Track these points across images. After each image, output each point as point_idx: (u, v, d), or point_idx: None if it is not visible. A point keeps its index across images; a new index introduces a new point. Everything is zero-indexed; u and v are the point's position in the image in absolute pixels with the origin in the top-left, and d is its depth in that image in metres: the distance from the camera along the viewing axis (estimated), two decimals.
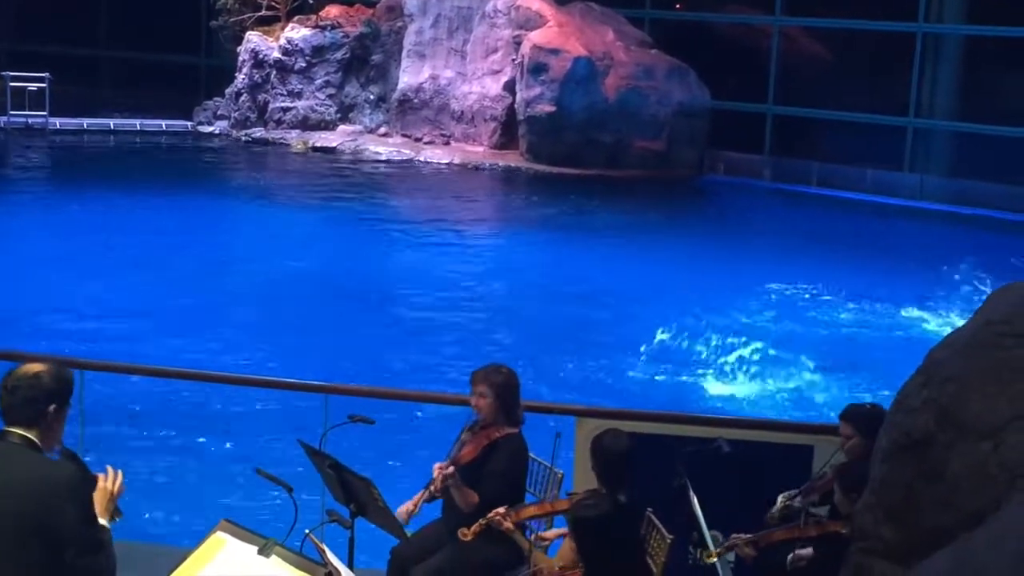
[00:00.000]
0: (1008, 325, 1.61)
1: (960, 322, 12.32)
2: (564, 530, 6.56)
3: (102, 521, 4.58)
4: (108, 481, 4.72)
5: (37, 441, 4.49)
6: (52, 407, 4.53)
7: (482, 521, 6.23)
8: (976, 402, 1.55)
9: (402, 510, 6.64)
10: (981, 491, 1.52)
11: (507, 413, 6.76)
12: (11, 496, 4.34)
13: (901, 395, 1.82)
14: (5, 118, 31.74)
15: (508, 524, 6.26)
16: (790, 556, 6.33)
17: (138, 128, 32.58)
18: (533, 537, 6.72)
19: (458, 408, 6.99)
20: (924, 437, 1.63)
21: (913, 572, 1.62)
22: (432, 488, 6.63)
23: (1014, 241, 22.04)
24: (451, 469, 6.58)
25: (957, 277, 18.48)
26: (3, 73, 32.88)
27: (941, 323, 16.24)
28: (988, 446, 1.52)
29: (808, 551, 6.30)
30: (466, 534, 6.25)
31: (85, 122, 32.34)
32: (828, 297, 18.19)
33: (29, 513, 4.33)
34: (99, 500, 4.64)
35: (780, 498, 6.63)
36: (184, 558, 5.01)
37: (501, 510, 6.28)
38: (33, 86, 31.96)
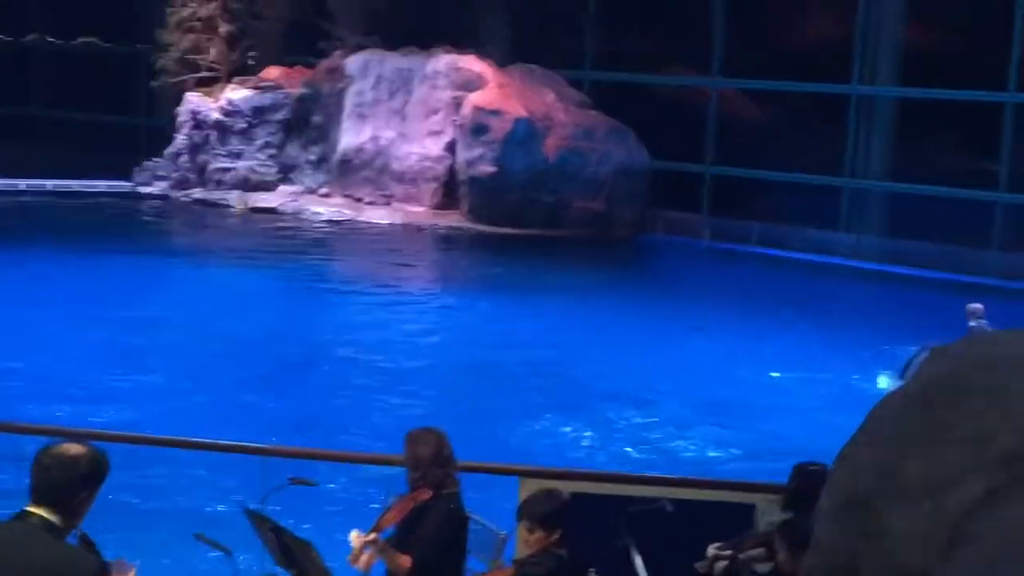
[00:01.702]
0: (944, 384, 1.62)
1: (891, 381, 12.41)
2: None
3: None
4: (121, 571, 4.57)
5: (59, 524, 4.30)
6: (84, 494, 4.38)
7: None
8: (916, 462, 1.55)
9: (353, 554, 6.46)
10: (923, 552, 1.51)
11: (437, 477, 6.67)
12: None
13: (842, 455, 1.82)
14: None
15: None
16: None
17: (76, 189, 32.33)
18: None
19: (399, 469, 6.94)
20: (865, 497, 1.63)
21: None
22: (349, 559, 6.47)
23: (947, 301, 22.31)
24: (372, 536, 6.45)
25: (889, 337, 18.68)
26: None
27: (876, 383, 16.38)
28: (929, 506, 1.52)
29: (761, 551, 6.31)
30: None
31: (23, 183, 32.06)
32: (762, 357, 18.30)
33: None
34: None
35: (710, 549, 6.60)
36: None
37: None
38: None
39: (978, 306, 15.73)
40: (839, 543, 1.92)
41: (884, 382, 15.87)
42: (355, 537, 6.49)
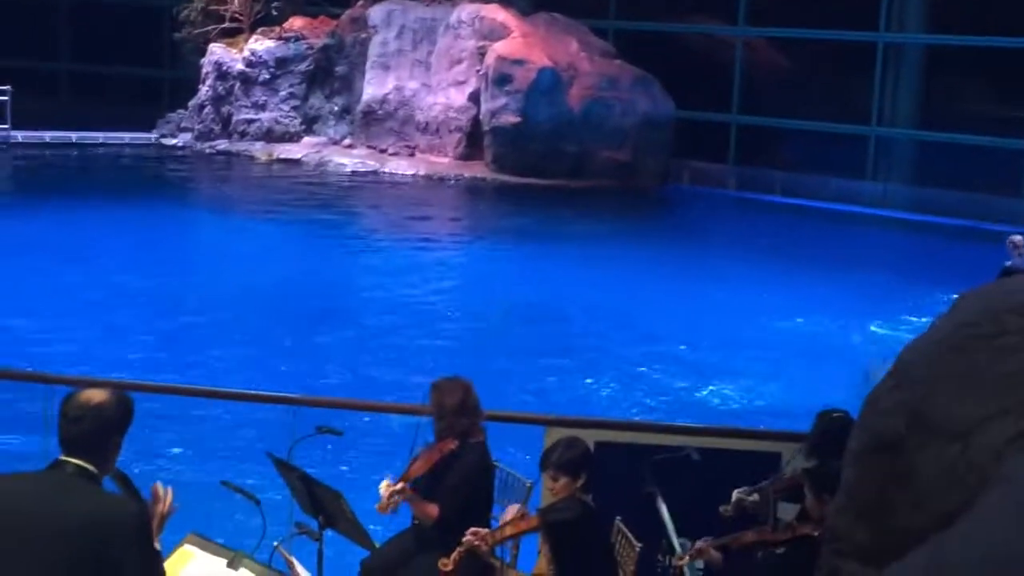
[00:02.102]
0: (975, 327, 1.62)
1: (920, 328, 12.42)
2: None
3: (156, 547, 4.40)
4: (161, 503, 4.60)
5: (95, 472, 4.29)
6: (115, 438, 4.38)
7: (460, 549, 6.16)
8: (945, 404, 1.56)
9: (382, 502, 6.53)
10: (952, 493, 1.52)
11: (464, 425, 6.72)
12: (71, 532, 4.09)
13: (871, 397, 1.83)
14: None
15: (485, 548, 6.21)
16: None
17: (101, 141, 32.40)
18: (511, 558, 6.71)
19: (427, 418, 6.98)
20: (895, 439, 1.63)
21: (885, 573, 1.63)
22: (378, 507, 6.54)
23: (975, 248, 22.22)
24: (400, 485, 6.51)
25: (920, 284, 18.63)
26: None
27: (909, 328, 16.32)
28: (957, 448, 1.52)
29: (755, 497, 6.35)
30: (447, 564, 6.17)
31: (47, 135, 32.14)
32: (786, 306, 18.27)
33: (90, 552, 4.09)
34: (154, 526, 4.49)
35: (735, 493, 6.63)
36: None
37: (480, 532, 6.21)
38: None
39: (1019, 238, 15.52)
40: (868, 485, 1.93)
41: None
42: (385, 487, 6.55)
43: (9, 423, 10.35)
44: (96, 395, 4.44)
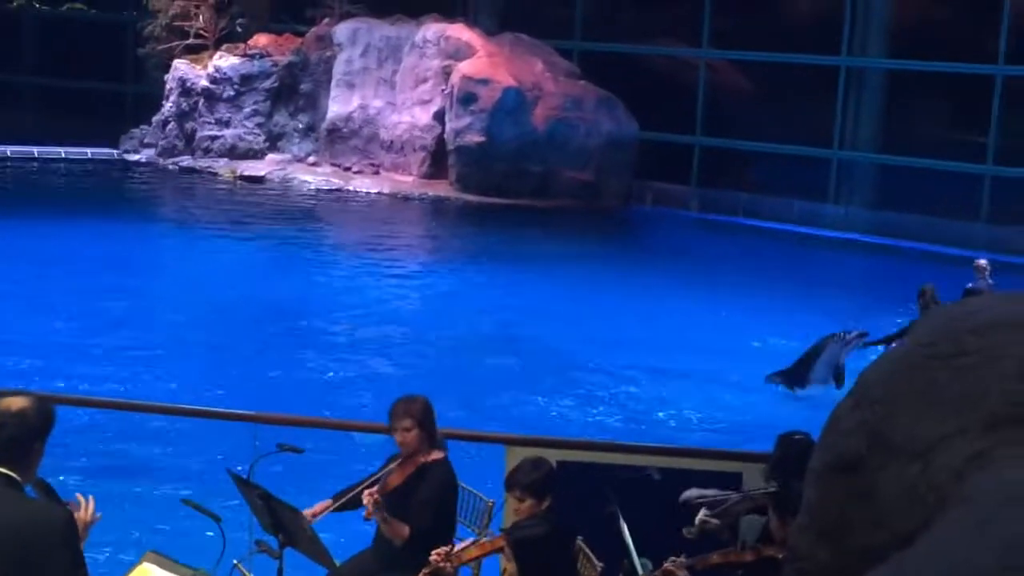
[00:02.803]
0: (934, 347, 1.63)
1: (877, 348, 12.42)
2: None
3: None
4: (83, 511, 4.60)
5: (19, 479, 4.32)
6: (36, 444, 4.39)
7: (426, 571, 6.15)
8: (905, 424, 1.56)
9: (308, 512, 6.57)
10: (912, 512, 1.52)
11: (431, 438, 6.77)
12: None
13: (833, 417, 1.84)
14: None
15: (450, 569, 6.21)
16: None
17: (63, 156, 32.23)
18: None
19: (383, 436, 6.98)
20: (855, 459, 1.64)
21: None
22: (365, 516, 6.58)
23: (934, 272, 22.37)
24: (376, 496, 6.54)
25: (879, 306, 18.74)
26: None
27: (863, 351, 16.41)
28: (917, 467, 1.53)
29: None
30: None
31: (8, 149, 31.93)
32: (746, 327, 18.34)
33: (15, 558, 4.14)
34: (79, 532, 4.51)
35: (700, 515, 6.64)
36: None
37: (442, 551, 6.20)
38: None
39: (983, 262, 15.68)
40: (829, 504, 1.94)
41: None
42: (367, 496, 6.57)
43: None
44: (16, 402, 4.45)
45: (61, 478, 9.66)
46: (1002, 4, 25.98)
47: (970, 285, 15.15)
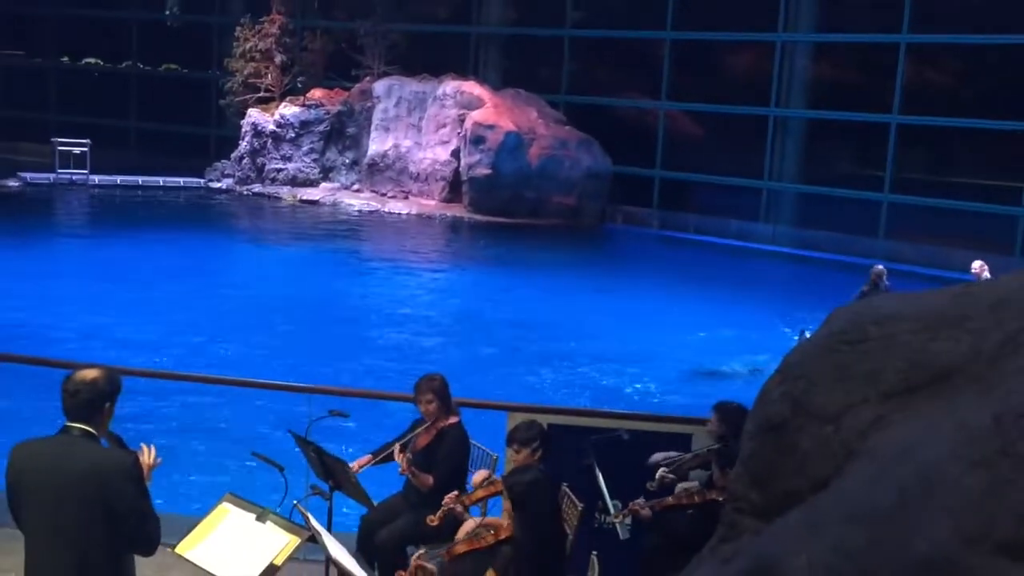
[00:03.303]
0: (844, 334, 1.65)
1: (797, 338, 12.34)
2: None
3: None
4: (146, 456, 4.61)
5: (94, 432, 4.34)
6: (107, 405, 4.40)
7: (444, 509, 6.16)
8: (820, 394, 1.58)
9: (353, 465, 6.57)
10: (825, 463, 1.54)
11: (447, 407, 6.78)
12: (78, 478, 4.21)
13: (763, 389, 1.86)
14: (54, 175, 31.32)
15: (461, 508, 6.23)
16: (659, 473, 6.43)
17: (161, 184, 32.23)
18: (481, 515, 6.70)
19: (412, 404, 6.97)
20: (780, 422, 1.66)
21: (774, 525, 1.65)
22: (400, 471, 6.61)
23: (842, 277, 22.37)
24: (408, 456, 6.58)
25: (799, 303, 18.75)
26: (52, 139, 32.50)
27: (790, 336, 16.41)
28: (830, 428, 1.55)
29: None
30: (434, 520, 6.17)
31: (118, 179, 31.95)
32: (694, 320, 18.36)
33: (94, 493, 4.19)
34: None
35: (659, 472, 6.64)
36: (196, 524, 4.94)
37: (454, 494, 6.22)
38: (77, 149, 31.61)
39: (881, 268, 15.48)
40: (760, 457, 1.96)
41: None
42: (400, 456, 6.59)
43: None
44: (89, 373, 4.45)
45: (161, 441, 9.68)
46: (896, 68, 26.00)
47: (864, 288, 14.96)
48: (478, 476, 6.62)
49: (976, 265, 15.27)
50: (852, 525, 1.50)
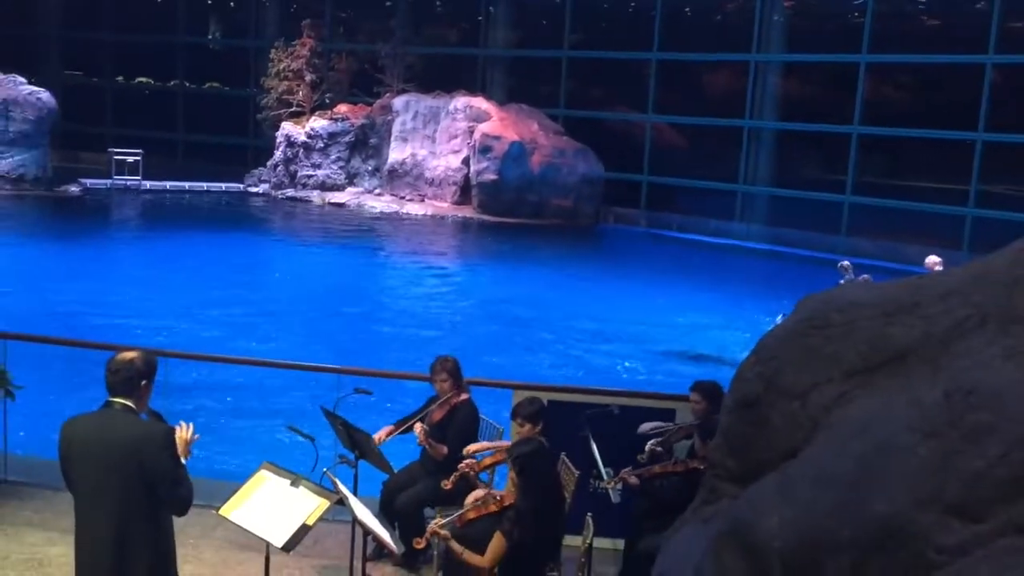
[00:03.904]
0: (811, 321, 1.64)
1: (766, 325, 12.28)
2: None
3: (182, 461, 4.48)
4: (183, 431, 4.63)
5: (133, 407, 4.38)
6: (143, 382, 4.42)
7: (457, 474, 6.19)
8: (790, 374, 1.57)
9: (376, 436, 6.59)
10: (794, 435, 1.54)
11: (459, 385, 6.79)
12: (118, 447, 4.25)
13: (740, 369, 1.85)
14: (111, 181, 31.35)
15: (472, 473, 6.24)
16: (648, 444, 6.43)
17: (205, 189, 32.23)
18: (489, 480, 6.71)
19: (428, 383, 6.97)
20: (755, 398, 1.65)
21: (749, 490, 1.65)
22: (418, 443, 6.63)
23: (809, 269, 22.34)
24: (425, 428, 6.61)
25: (770, 292, 18.71)
26: (109, 149, 32.51)
27: (763, 322, 16.39)
28: (798, 404, 1.54)
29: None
30: (448, 484, 6.19)
31: (168, 184, 31.95)
32: (676, 306, 18.34)
33: (131, 460, 4.23)
34: (179, 445, 4.52)
35: (648, 445, 6.64)
36: (237, 489, 4.96)
37: (468, 462, 6.24)
38: (130, 158, 31.61)
39: (847, 263, 15.31)
40: (736, 430, 1.95)
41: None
42: (418, 427, 6.61)
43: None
44: (128, 354, 4.47)
45: (208, 417, 9.66)
46: (856, 84, 25.94)
47: (841, 282, 14.81)
48: (480, 446, 6.62)
49: (930, 260, 15.15)
50: (819, 489, 1.49)
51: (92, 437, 4.31)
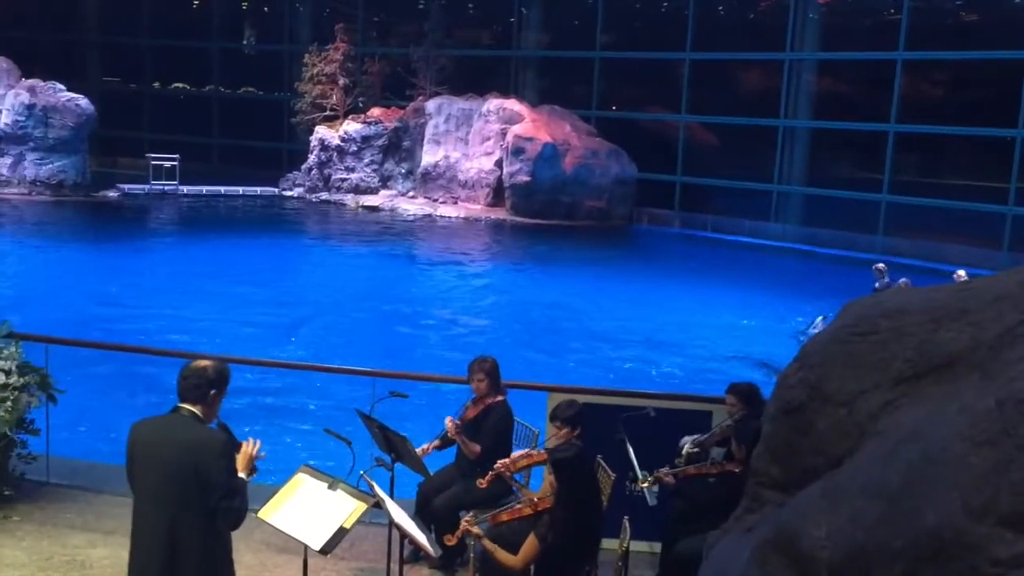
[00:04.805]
0: (856, 327, 1.62)
1: (810, 329, 12.12)
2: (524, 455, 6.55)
3: (241, 474, 4.50)
4: (249, 446, 4.66)
5: (200, 415, 4.42)
6: (213, 392, 4.45)
7: (492, 473, 6.17)
8: (835, 380, 1.55)
9: (420, 449, 6.60)
10: (839, 443, 1.51)
11: (496, 387, 6.77)
12: (180, 452, 4.30)
13: (782, 375, 1.83)
14: (148, 186, 31.71)
15: (508, 473, 6.23)
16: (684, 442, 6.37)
17: (241, 193, 32.52)
18: (524, 481, 6.70)
19: (464, 386, 6.96)
20: (799, 405, 1.63)
21: (795, 498, 1.63)
22: (448, 434, 6.62)
23: (844, 270, 22.13)
24: (457, 422, 6.60)
25: (806, 295, 18.54)
26: (147, 154, 32.90)
27: (800, 324, 16.23)
28: (844, 411, 1.52)
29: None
30: (483, 483, 6.18)
31: (204, 188, 32.27)
32: (712, 308, 18.21)
33: (192, 466, 4.27)
34: (242, 459, 4.56)
35: (685, 446, 6.60)
36: (275, 492, 4.98)
37: (504, 461, 6.23)
38: (168, 163, 31.96)
39: (882, 265, 15.17)
40: (779, 437, 1.93)
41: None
42: (449, 421, 6.60)
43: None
44: (202, 362, 4.53)
45: (248, 427, 9.71)
46: (893, 82, 25.65)
47: (876, 285, 14.64)
48: (518, 455, 6.61)
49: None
50: (867, 499, 1.47)
51: (155, 440, 4.37)
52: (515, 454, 6.57)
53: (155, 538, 4.33)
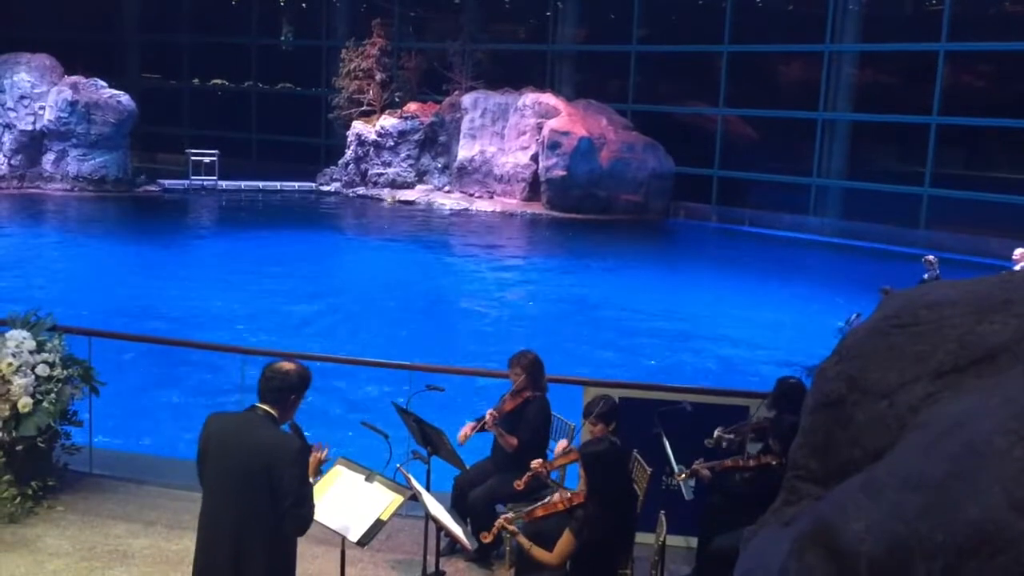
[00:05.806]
0: (896, 318, 1.60)
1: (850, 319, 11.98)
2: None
3: (310, 479, 4.48)
4: (318, 451, 4.68)
5: (276, 416, 4.39)
6: (292, 396, 4.45)
7: (529, 473, 6.18)
8: (875, 373, 1.54)
9: (460, 434, 6.62)
10: (879, 436, 1.50)
11: (535, 383, 6.77)
12: (253, 453, 4.25)
13: (821, 368, 1.81)
14: (188, 181, 32.06)
15: (544, 473, 6.24)
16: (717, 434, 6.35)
17: (279, 188, 32.77)
18: (560, 479, 6.71)
19: (501, 380, 6.98)
20: (838, 398, 1.61)
21: (833, 492, 1.62)
22: (484, 423, 6.63)
23: (885, 266, 21.85)
24: (495, 413, 6.62)
25: (846, 288, 18.35)
26: (186, 150, 33.26)
27: (838, 319, 16.07)
28: (885, 404, 1.50)
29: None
30: (519, 484, 6.18)
31: (243, 184, 32.57)
32: (750, 303, 18.08)
33: (264, 468, 4.21)
34: (312, 465, 4.56)
35: (716, 432, 6.59)
36: (314, 484, 5.02)
37: (538, 462, 6.23)
38: (207, 159, 32.29)
39: (932, 257, 14.93)
40: (819, 429, 1.91)
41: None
42: (489, 413, 6.63)
43: (219, 379, 10.46)
44: (285, 365, 4.52)
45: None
46: (935, 73, 25.28)
47: (924, 276, 14.47)
48: (560, 446, 6.62)
49: (1018, 252, 14.70)
50: (907, 492, 1.45)
51: (230, 437, 4.33)
52: (556, 448, 6.58)
53: (222, 538, 4.30)
